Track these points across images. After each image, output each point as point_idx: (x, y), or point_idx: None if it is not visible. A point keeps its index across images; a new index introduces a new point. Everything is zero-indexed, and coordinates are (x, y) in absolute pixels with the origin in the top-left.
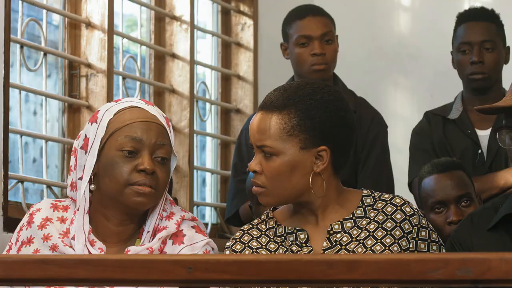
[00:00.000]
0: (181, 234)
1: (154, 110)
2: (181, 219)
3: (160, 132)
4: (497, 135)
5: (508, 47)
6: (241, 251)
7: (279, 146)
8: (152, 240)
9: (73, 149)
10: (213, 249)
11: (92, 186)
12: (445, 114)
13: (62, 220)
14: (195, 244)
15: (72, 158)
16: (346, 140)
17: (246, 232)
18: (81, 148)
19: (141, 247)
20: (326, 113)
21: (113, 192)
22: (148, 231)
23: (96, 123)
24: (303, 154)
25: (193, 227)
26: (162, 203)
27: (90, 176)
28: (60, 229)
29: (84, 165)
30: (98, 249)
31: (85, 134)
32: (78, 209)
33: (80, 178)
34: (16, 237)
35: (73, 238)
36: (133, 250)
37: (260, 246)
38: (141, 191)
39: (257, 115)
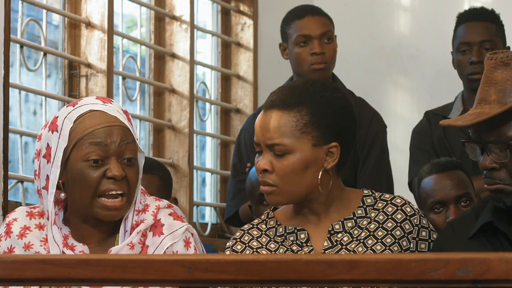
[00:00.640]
0: (159, 224)
1: (113, 110)
2: (157, 209)
3: (123, 133)
4: (465, 147)
5: (509, 47)
6: (241, 251)
7: (292, 144)
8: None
9: (35, 151)
10: (192, 234)
11: (63, 194)
12: (445, 114)
13: (40, 227)
14: (175, 232)
15: (36, 162)
16: (353, 137)
17: (246, 232)
18: (44, 157)
19: (121, 244)
20: (336, 110)
21: (82, 204)
22: (127, 230)
23: (57, 131)
24: (316, 151)
25: (170, 214)
26: (136, 201)
27: (59, 184)
28: (40, 236)
29: (47, 175)
30: (79, 252)
31: (47, 143)
32: (48, 219)
33: (45, 187)
34: None
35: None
36: (114, 250)
37: (261, 245)
38: (111, 206)
39: (266, 114)
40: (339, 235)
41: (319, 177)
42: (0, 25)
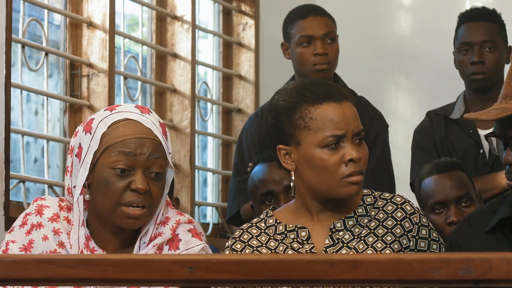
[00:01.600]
0: (176, 239)
1: (149, 122)
2: (176, 224)
3: (154, 147)
4: (488, 141)
5: (510, 47)
6: (241, 250)
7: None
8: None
9: (70, 147)
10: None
11: (87, 196)
12: (447, 114)
13: (68, 220)
14: (191, 250)
15: (69, 158)
16: None
17: (245, 231)
18: (76, 156)
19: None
20: None
21: (104, 209)
22: (144, 242)
23: (90, 133)
24: None
25: (189, 230)
26: (159, 214)
27: (85, 185)
28: (67, 229)
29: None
30: None
31: (80, 143)
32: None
33: (75, 187)
34: (21, 221)
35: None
36: None
37: (260, 244)
38: (132, 215)
39: (343, 104)
40: (341, 233)
41: None
42: (1, 25)
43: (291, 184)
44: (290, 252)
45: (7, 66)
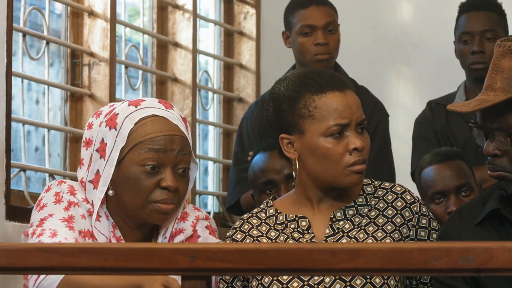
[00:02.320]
0: (195, 235)
1: (175, 118)
2: (196, 220)
3: (182, 143)
4: (473, 132)
5: (511, 36)
6: (241, 240)
7: None
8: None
9: (84, 140)
10: None
11: (111, 192)
12: (448, 104)
13: (89, 213)
14: None
15: (84, 151)
16: None
17: (246, 221)
18: (97, 151)
19: None
20: None
21: (133, 206)
22: (166, 237)
23: (116, 129)
24: None
25: (206, 227)
26: (181, 211)
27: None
28: (87, 208)
29: (98, 170)
30: None
31: (102, 138)
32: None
33: (92, 181)
34: (55, 198)
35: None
36: None
37: (261, 234)
38: (163, 211)
39: (346, 94)
40: (341, 222)
41: None
42: (2, 14)
43: (293, 173)
44: (290, 241)
45: (8, 55)
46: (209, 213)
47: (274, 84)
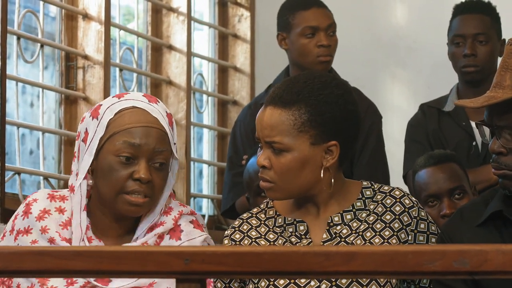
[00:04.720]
0: (178, 229)
1: (156, 111)
2: (179, 215)
3: (159, 137)
4: (479, 129)
5: (504, 40)
6: (240, 240)
7: (290, 142)
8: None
9: (78, 133)
10: (209, 245)
11: (90, 181)
12: (440, 106)
13: (61, 210)
14: (193, 240)
15: (76, 144)
16: (354, 134)
17: (245, 221)
18: (83, 141)
19: (135, 242)
20: (336, 108)
21: (106, 196)
22: (143, 230)
23: (97, 119)
24: (314, 150)
25: (191, 222)
26: (160, 205)
27: (89, 170)
28: (59, 219)
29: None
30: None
31: (86, 128)
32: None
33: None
34: (11, 226)
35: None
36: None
37: (259, 235)
38: (134, 202)
39: (266, 110)
40: (338, 227)
41: (321, 175)
42: None
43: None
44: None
45: (3, 58)
46: (203, 216)
47: (266, 88)
